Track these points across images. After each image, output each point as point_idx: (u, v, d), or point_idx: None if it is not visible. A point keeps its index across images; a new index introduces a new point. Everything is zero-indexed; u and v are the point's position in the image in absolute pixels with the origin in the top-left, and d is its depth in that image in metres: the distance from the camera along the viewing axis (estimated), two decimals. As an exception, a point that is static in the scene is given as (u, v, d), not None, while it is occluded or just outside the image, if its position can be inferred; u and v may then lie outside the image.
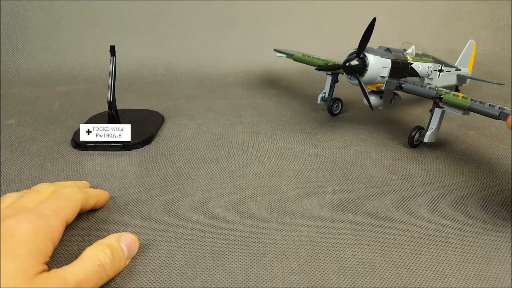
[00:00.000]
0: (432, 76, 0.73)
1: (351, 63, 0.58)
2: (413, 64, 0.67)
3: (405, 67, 0.65)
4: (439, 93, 0.58)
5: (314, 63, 0.78)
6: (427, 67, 0.71)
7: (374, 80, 0.61)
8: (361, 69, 0.59)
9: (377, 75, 0.60)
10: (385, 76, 0.61)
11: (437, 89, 0.59)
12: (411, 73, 0.67)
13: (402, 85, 0.62)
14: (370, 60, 0.58)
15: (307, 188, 0.51)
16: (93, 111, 0.77)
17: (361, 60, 0.58)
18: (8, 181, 0.51)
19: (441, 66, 0.76)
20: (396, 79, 0.64)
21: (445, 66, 0.78)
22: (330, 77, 0.77)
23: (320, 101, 0.77)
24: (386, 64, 0.61)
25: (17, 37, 1.15)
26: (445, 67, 0.78)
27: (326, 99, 0.78)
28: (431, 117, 0.61)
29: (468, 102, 0.55)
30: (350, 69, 0.58)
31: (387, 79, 0.62)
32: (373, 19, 0.54)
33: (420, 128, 0.62)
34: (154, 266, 0.36)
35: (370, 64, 0.58)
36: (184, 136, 0.67)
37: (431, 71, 0.72)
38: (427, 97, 0.60)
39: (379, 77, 0.61)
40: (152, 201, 0.47)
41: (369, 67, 0.58)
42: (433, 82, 0.75)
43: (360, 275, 0.36)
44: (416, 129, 0.62)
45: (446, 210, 0.46)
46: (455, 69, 0.84)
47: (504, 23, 1.30)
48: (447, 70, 0.79)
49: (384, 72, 0.61)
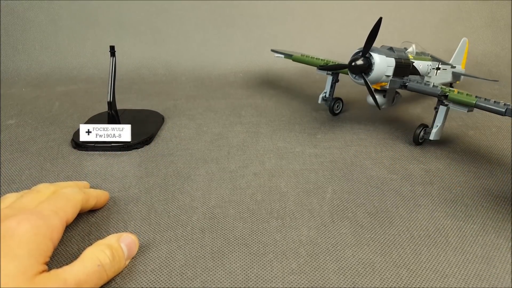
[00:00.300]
0: (430, 74, 0.75)
1: (357, 63, 0.58)
2: (414, 62, 0.68)
3: (408, 65, 0.66)
4: (444, 91, 0.59)
5: (314, 63, 0.78)
6: (427, 66, 0.72)
7: (380, 79, 0.61)
8: (367, 68, 0.59)
9: (382, 74, 0.61)
10: (389, 75, 0.62)
11: (441, 87, 0.60)
12: (413, 71, 0.68)
13: (406, 83, 0.63)
14: (376, 60, 0.59)
15: (307, 188, 0.51)
16: (93, 111, 0.77)
17: (366, 60, 0.59)
18: (8, 181, 0.51)
19: (438, 64, 0.78)
20: (400, 78, 0.64)
21: (441, 64, 0.79)
22: (331, 77, 0.77)
23: (321, 101, 0.77)
24: (391, 63, 0.61)
25: (17, 37, 1.15)
26: (441, 65, 0.79)
27: (327, 99, 0.78)
28: (435, 114, 0.62)
29: (474, 99, 0.56)
30: (356, 69, 0.59)
31: (391, 78, 0.63)
32: (379, 19, 0.55)
33: (425, 126, 0.63)
34: (154, 266, 0.36)
35: (375, 63, 0.59)
36: (184, 136, 0.67)
37: (430, 69, 0.74)
38: (432, 95, 0.61)
39: (384, 76, 0.61)
40: (152, 201, 0.47)
41: (375, 67, 0.59)
42: (431, 80, 0.75)
43: (360, 275, 0.36)
44: (420, 126, 0.63)
45: (446, 210, 0.46)
46: (451, 67, 0.86)
47: (504, 23, 1.29)
48: (443, 68, 0.80)
49: (389, 71, 0.61)
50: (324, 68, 0.70)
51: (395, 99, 0.71)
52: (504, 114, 0.52)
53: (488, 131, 0.71)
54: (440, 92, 0.59)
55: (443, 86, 0.62)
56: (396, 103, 0.72)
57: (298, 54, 0.84)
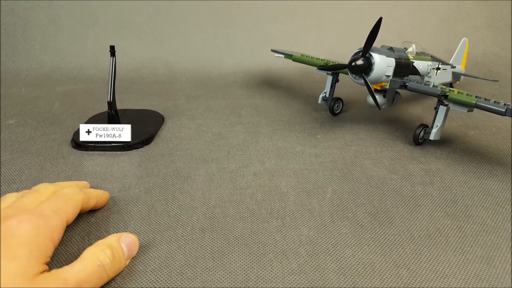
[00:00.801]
0: (430, 74, 0.74)
1: (357, 63, 0.58)
2: (414, 62, 0.68)
3: (408, 66, 0.66)
4: (444, 91, 0.59)
5: (314, 63, 0.78)
6: (427, 66, 0.72)
7: (380, 79, 0.61)
8: (367, 68, 0.59)
9: (383, 74, 0.60)
10: (389, 75, 0.62)
11: (442, 87, 0.60)
12: (413, 71, 0.68)
13: (406, 83, 0.63)
14: (376, 60, 0.59)
15: (307, 188, 0.51)
16: (93, 111, 0.77)
17: (366, 60, 0.59)
18: (8, 181, 0.51)
19: (438, 64, 0.77)
20: (400, 78, 0.64)
21: (441, 64, 0.79)
22: (331, 77, 0.77)
23: (321, 101, 0.77)
24: (391, 63, 0.61)
25: (17, 37, 1.15)
26: (441, 65, 0.79)
27: (327, 99, 0.77)
28: (435, 114, 0.61)
29: (474, 99, 0.55)
30: (357, 69, 0.59)
31: (392, 78, 0.63)
32: (379, 18, 0.55)
33: (425, 126, 0.63)
34: (154, 266, 0.36)
35: (376, 63, 0.59)
36: (184, 136, 0.67)
37: (430, 69, 0.73)
38: (432, 95, 0.61)
39: (384, 76, 0.61)
40: (152, 201, 0.47)
41: (375, 67, 0.59)
42: (431, 80, 0.75)
43: (360, 275, 0.36)
44: (420, 127, 0.63)
45: (446, 210, 0.46)
46: (451, 67, 0.86)
47: (504, 23, 1.29)
48: (443, 68, 0.80)
49: (389, 71, 0.61)
50: (324, 68, 0.69)
51: (395, 99, 0.71)
52: (504, 114, 0.52)
53: (488, 131, 0.71)
54: (440, 92, 0.59)
55: (443, 86, 0.62)
56: (396, 103, 0.72)
57: (298, 54, 0.84)
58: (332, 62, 0.75)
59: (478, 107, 0.55)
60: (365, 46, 0.58)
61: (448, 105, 0.60)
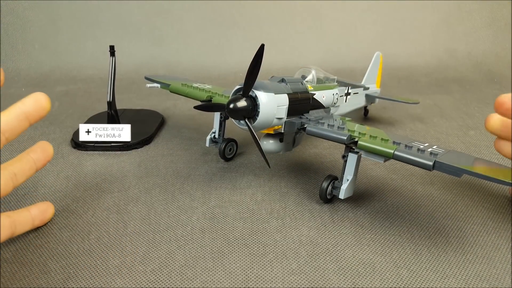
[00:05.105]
0: (338, 103, 0.60)
1: (237, 105, 0.43)
2: (315, 94, 0.53)
3: (307, 100, 0.51)
4: (352, 137, 0.44)
5: (196, 96, 0.59)
6: (333, 95, 0.57)
7: (270, 124, 0.46)
8: (252, 111, 0.44)
9: (272, 117, 0.45)
10: (282, 117, 0.47)
11: (350, 131, 0.45)
12: (314, 105, 0.53)
13: (305, 125, 0.47)
14: (261, 100, 0.44)
15: (307, 188, 0.51)
16: (93, 111, 0.77)
17: (250, 100, 0.44)
18: (8, 181, 0.51)
19: (347, 89, 0.64)
20: (298, 118, 0.50)
21: (352, 88, 0.66)
22: (218, 113, 0.60)
23: (209, 143, 0.59)
24: (283, 102, 0.46)
25: (17, 37, 1.15)
26: (352, 89, 0.66)
27: (217, 140, 0.60)
28: (344, 165, 0.46)
29: (392, 147, 0.40)
30: (237, 113, 0.43)
31: (286, 119, 0.48)
32: (261, 46, 0.41)
33: (334, 178, 0.47)
34: (154, 266, 0.36)
35: (261, 104, 0.44)
36: (184, 136, 0.67)
37: (337, 98, 0.59)
38: (338, 142, 0.45)
39: (275, 119, 0.46)
40: (152, 201, 0.47)
41: (261, 109, 0.44)
42: (340, 109, 0.62)
43: (360, 275, 0.36)
44: (328, 178, 0.47)
45: (446, 210, 0.46)
46: (363, 89, 0.73)
47: (504, 23, 1.30)
48: (354, 92, 0.68)
49: (280, 112, 0.46)
50: (199, 108, 0.48)
51: (296, 140, 0.54)
52: (432, 168, 0.38)
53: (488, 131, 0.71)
54: (348, 139, 0.43)
55: (353, 124, 0.49)
56: (298, 144, 0.56)
57: (178, 83, 0.64)
58: (219, 95, 0.59)
59: (397, 158, 0.40)
60: (245, 83, 0.43)
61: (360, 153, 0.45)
